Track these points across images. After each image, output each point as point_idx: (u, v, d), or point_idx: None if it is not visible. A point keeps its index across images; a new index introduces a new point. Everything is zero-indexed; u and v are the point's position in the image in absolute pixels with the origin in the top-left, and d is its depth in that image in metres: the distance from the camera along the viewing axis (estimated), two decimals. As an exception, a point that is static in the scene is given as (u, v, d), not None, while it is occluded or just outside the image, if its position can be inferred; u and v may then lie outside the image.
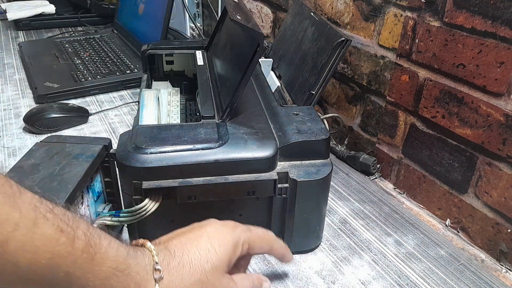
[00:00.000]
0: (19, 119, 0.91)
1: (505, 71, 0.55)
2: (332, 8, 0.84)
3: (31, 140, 0.84)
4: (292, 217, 0.55)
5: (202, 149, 0.51)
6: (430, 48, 0.64)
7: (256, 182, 0.52)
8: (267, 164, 0.52)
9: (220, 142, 0.52)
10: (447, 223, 0.68)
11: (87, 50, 1.24)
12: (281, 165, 0.54)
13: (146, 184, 0.49)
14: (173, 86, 0.82)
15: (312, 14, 0.76)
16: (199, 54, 0.79)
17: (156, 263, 0.37)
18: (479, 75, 0.58)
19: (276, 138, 0.54)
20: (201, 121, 0.56)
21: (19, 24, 1.47)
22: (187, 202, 0.51)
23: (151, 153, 0.50)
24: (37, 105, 0.95)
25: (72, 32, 1.48)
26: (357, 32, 0.80)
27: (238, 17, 0.53)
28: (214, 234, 0.42)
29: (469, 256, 0.62)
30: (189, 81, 0.84)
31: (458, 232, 0.67)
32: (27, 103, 0.98)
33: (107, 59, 1.17)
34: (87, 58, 1.17)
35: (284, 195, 0.53)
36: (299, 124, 0.57)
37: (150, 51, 0.80)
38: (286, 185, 0.53)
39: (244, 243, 0.43)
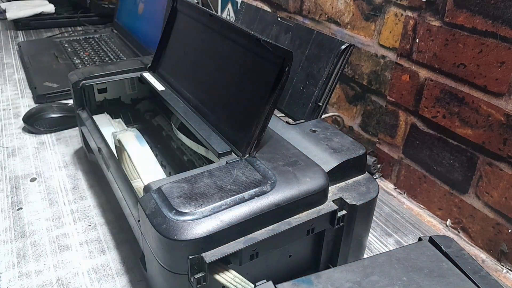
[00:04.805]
0: (18, 119, 0.91)
1: (505, 71, 0.55)
2: (333, 7, 0.84)
3: (30, 140, 0.84)
4: (348, 243, 0.51)
5: (256, 195, 0.43)
6: (430, 48, 0.64)
7: (318, 218, 0.45)
8: (324, 194, 0.47)
9: (270, 182, 0.45)
10: (447, 223, 0.68)
11: (87, 50, 1.24)
12: (331, 191, 0.49)
13: (209, 256, 0.40)
14: (112, 117, 0.73)
15: (279, 19, 0.68)
16: (149, 77, 0.69)
17: None
18: (480, 75, 0.58)
19: (317, 163, 0.49)
20: (225, 162, 0.48)
21: (19, 24, 1.47)
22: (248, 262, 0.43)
23: (204, 216, 0.41)
24: (37, 105, 0.95)
25: (71, 32, 1.47)
26: (357, 32, 0.80)
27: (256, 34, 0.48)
28: None
29: (470, 257, 0.62)
30: (126, 108, 0.77)
31: (459, 232, 0.66)
32: (27, 103, 0.98)
33: (107, 59, 1.17)
34: (86, 58, 1.17)
35: (341, 224, 0.48)
36: (328, 142, 0.53)
37: (84, 82, 0.68)
38: (344, 212, 0.48)
39: None
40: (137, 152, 0.59)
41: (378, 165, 0.79)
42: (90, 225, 0.63)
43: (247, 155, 0.50)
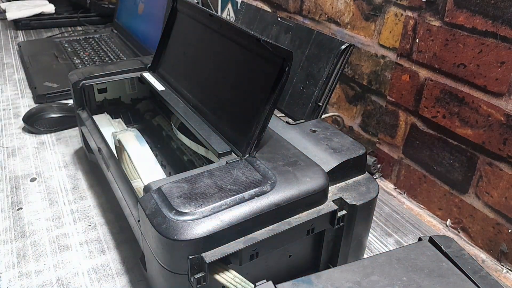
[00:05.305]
0: (18, 119, 0.91)
1: (505, 71, 0.55)
2: (333, 7, 0.84)
3: (30, 140, 0.84)
4: (348, 243, 0.51)
5: (256, 195, 0.43)
6: (430, 48, 0.64)
7: (318, 218, 0.46)
8: (324, 194, 0.47)
9: (270, 182, 0.45)
10: (447, 223, 0.68)
11: (87, 50, 1.24)
12: (331, 191, 0.49)
13: (209, 256, 0.40)
14: (112, 117, 0.73)
15: (279, 19, 0.68)
16: (149, 77, 0.69)
17: None
18: (480, 75, 0.58)
19: (317, 163, 0.49)
20: (225, 162, 0.48)
21: (19, 24, 1.47)
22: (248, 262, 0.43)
23: (204, 216, 0.41)
24: (37, 105, 0.95)
25: (71, 32, 1.47)
26: (357, 32, 0.80)
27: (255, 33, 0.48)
28: None
29: (470, 257, 0.62)
30: (126, 108, 0.77)
31: (459, 232, 0.66)
32: (27, 103, 0.98)
33: (107, 59, 1.17)
34: (86, 58, 1.17)
35: (341, 224, 0.48)
36: (328, 142, 0.53)
37: (84, 81, 0.68)
38: (344, 212, 0.48)
39: None
40: (137, 152, 0.59)
41: (378, 165, 0.79)
42: (90, 225, 0.63)
43: (247, 155, 0.50)
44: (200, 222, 0.40)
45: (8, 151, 0.81)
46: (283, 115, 0.63)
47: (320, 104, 0.59)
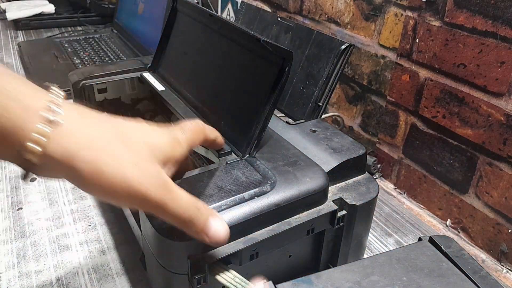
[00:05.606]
0: (18, 119, 0.91)
1: (505, 71, 0.55)
2: (333, 7, 0.84)
3: (31, 140, 0.84)
4: (348, 243, 0.51)
5: (256, 195, 0.43)
6: (430, 48, 0.64)
7: (318, 219, 0.46)
8: (324, 194, 0.47)
9: (270, 182, 0.45)
10: (447, 223, 0.68)
11: (87, 50, 1.24)
12: (331, 192, 0.49)
13: (209, 257, 0.40)
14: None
15: (279, 19, 0.68)
16: (149, 77, 0.69)
17: (56, 104, 0.29)
18: (480, 75, 0.58)
19: (317, 163, 0.49)
20: (225, 162, 0.48)
21: (19, 24, 1.47)
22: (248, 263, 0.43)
23: None
24: (37, 105, 0.95)
25: (71, 32, 1.47)
26: (357, 32, 0.80)
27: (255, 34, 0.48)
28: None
29: (470, 257, 0.62)
30: (126, 108, 0.76)
31: (459, 232, 0.66)
32: (27, 103, 0.98)
33: (107, 59, 1.17)
34: (86, 58, 1.17)
35: (341, 224, 0.48)
36: (328, 142, 0.53)
37: (84, 81, 0.68)
38: (344, 212, 0.48)
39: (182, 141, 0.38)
40: None
41: (378, 165, 0.79)
42: (90, 225, 0.63)
43: (247, 155, 0.50)
44: None
45: (8, 151, 0.81)
46: (283, 115, 0.63)
47: (320, 104, 0.59)
